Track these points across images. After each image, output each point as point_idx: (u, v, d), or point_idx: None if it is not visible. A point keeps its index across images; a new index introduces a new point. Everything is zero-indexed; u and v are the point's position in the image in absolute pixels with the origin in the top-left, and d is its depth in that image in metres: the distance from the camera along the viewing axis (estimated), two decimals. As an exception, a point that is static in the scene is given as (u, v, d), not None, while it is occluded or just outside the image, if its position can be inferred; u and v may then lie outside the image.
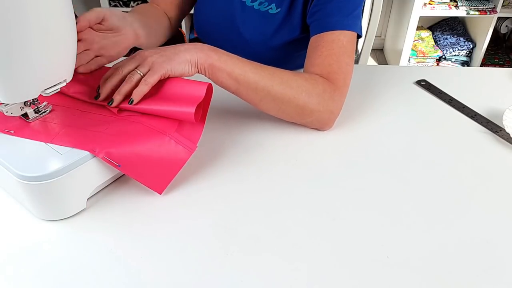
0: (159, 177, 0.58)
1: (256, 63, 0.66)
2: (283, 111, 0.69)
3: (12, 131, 0.55)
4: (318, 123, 0.70)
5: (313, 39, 0.73)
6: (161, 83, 0.61)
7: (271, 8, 0.82)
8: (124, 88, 0.60)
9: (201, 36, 0.93)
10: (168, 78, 0.61)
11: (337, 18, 0.71)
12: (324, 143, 0.70)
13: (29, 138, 0.55)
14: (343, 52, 0.71)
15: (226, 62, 0.63)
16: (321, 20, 0.73)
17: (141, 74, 0.60)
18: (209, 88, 0.62)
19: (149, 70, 0.60)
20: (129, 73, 0.61)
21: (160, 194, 0.58)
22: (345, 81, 0.71)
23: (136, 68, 0.61)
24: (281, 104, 0.67)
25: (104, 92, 0.61)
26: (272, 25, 0.82)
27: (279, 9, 0.81)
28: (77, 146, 0.54)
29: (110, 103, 0.60)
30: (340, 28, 0.71)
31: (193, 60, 0.62)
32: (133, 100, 0.59)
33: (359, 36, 0.75)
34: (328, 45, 0.70)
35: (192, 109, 0.58)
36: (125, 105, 0.60)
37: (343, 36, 0.71)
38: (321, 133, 0.72)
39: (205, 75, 0.63)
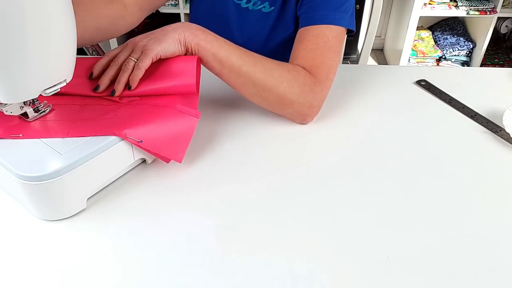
0: (175, 147, 0.61)
1: (242, 48, 0.67)
2: (264, 98, 0.69)
3: (20, 135, 0.55)
4: (298, 114, 0.71)
5: (299, 32, 0.74)
6: (155, 64, 0.63)
7: (264, 7, 0.82)
8: (123, 77, 0.62)
9: None
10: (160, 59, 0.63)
11: (324, 12, 0.71)
12: (324, 143, 0.70)
13: (40, 137, 0.55)
14: (328, 47, 0.71)
15: (212, 43, 0.64)
16: (308, 14, 0.73)
17: (135, 60, 0.62)
18: (198, 60, 0.65)
19: (141, 55, 0.62)
20: (124, 61, 0.62)
21: (180, 162, 0.61)
22: (327, 75, 0.71)
23: (129, 55, 0.62)
24: (262, 92, 0.68)
25: (104, 83, 0.63)
26: (267, 24, 0.82)
27: (273, 8, 0.81)
28: (96, 133, 0.56)
29: (113, 94, 0.62)
30: (326, 23, 0.71)
31: (181, 39, 0.63)
32: (131, 86, 0.61)
33: (350, 31, 0.75)
34: (313, 39, 0.71)
35: (192, 81, 0.62)
36: (126, 92, 0.62)
37: (328, 31, 0.71)
38: (321, 132, 0.72)
39: (192, 54, 0.65)
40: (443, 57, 2.38)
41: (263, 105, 0.71)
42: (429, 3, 2.19)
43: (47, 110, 0.59)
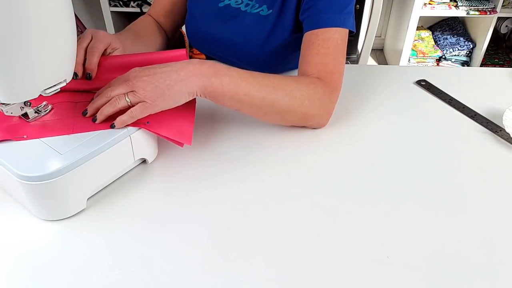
0: (182, 129, 0.60)
1: (258, 75, 0.65)
2: (287, 120, 0.69)
3: (25, 136, 0.55)
4: (317, 124, 0.72)
5: (307, 36, 0.73)
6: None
7: (262, 10, 0.81)
8: (106, 110, 0.57)
9: (194, 44, 0.93)
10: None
11: (330, 15, 0.71)
12: (324, 143, 0.70)
13: (45, 137, 0.55)
14: (338, 50, 0.71)
15: (229, 85, 0.61)
16: (314, 17, 0.73)
17: (129, 102, 0.57)
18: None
19: (138, 102, 0.57)
20: (117, 95, 0.58)
21: (190, 145, 0.60)
22: (339, 80, 0.72)
23: (126, 93, 0.57)
24: (285, 115, 0.68)
25: (90, 111, 0.59)
26: (264, 27, 0.82)
27: (271, 11, 0.81)
28: (102, 127, 0.56)
29: (94, 120, 0.58)
30: (334, 25, 0.71)
31: (191, 92, 0.60)
32: (114, 125, 0.57)
33: (351, 33, 0.75)
34: (324, 43, 0.71)
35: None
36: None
37: (337, 34, 0.71)
38: (321, 133, 0.72)
39: (205, 98, 0.62)
40: (443, 57, 2.38)
41: (284, 124, 0.71)
42: (429, 3, 2.19)
43: (47, 111, 0.60)
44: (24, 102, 0.56)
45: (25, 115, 0.58)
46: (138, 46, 0.81)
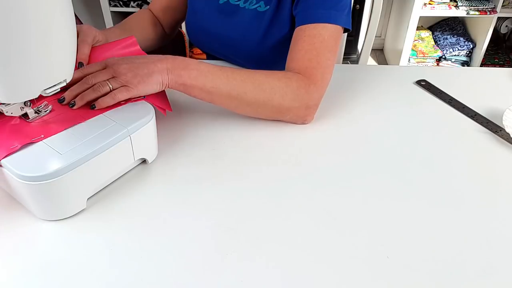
0: (164, 102, 0.67)
1: (228, 70, 0.67)
2: (260, 113, 0.71)
3: (42, 136, 0.55)
4: (297, 118, 0.72)
5: (296, 32, 0.74)
6: None
7: (260, 6, 0.82)
8: (90, 96, 0.60)
9: (194, 41, 0.94)
10: None
11: (320, 10, 0.71)
12: (324, 142, 0.70)
13: (61, 131, 0.56)
14: (324, 46, 0.71)
15: (197, 78, 0.64)
16: (304, 12, 0.73)
17: (111, 88, 0.61)
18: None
19: (120, 86, 0.61)
20: (97, 83, 0.61)
21: (171, 111, 0.69)
22: (323, 75, 0.71)
23: (107, 80, 0.61)
24: (257, 108, 0.69)
25: (69, 97, 0.61)
26: (262, 24, 0.82)
27: (268, 7, 0.81)
28: (108, 109, 0.60)
29: (71, 105, 0.61)
30: (322, 21, 0.71)
31: (164, 82, 0.64)
32: (95, 107, 0.60)
33: (347, 30, 0.75)
34: (310, 40, 0.71)
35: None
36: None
37: (325, 30, 0.71)
38: (321, 132, 0.72)
39: (178, 90, 0.66)
40: (443, 57, 2.38)
41: (261, 117, 0.72)
42: (429, 3, 2.19)
43: (48, 111, 0.60)
44: (24, 102, 0.56)
45: (25, 115, 0.57)
46: None
